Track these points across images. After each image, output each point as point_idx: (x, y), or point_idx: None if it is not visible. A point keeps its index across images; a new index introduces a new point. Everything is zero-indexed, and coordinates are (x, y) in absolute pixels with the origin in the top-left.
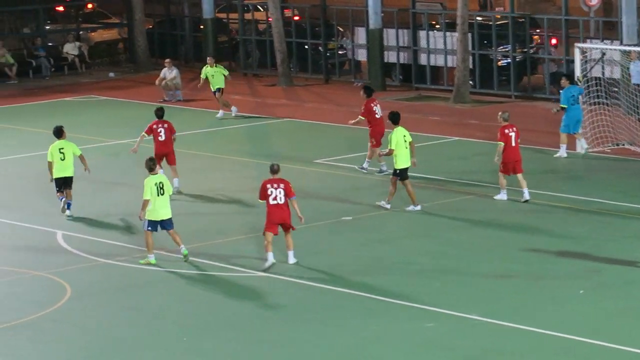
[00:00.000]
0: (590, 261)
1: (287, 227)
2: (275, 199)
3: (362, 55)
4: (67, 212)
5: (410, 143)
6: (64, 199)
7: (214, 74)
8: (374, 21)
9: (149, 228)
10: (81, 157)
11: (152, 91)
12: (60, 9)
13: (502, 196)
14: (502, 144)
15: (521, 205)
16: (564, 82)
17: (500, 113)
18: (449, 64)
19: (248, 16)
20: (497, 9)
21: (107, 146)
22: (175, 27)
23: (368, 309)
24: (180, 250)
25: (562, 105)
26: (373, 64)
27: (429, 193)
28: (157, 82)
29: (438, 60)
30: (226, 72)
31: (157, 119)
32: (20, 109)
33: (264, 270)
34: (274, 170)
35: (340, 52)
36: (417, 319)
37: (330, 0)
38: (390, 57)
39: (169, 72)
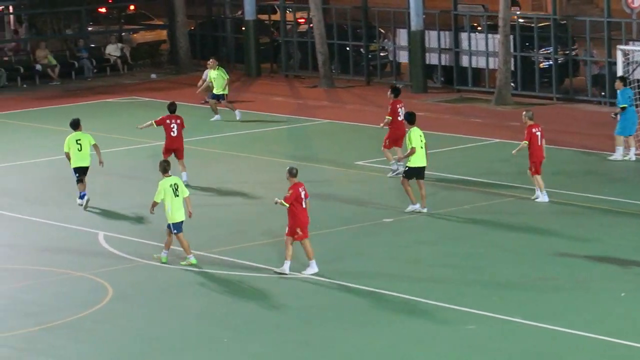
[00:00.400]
0: (631, 263)
1: None
2: (304, 202)
3: (403, 57)
4: (79, 202)
5: (425, 144)
6: (85, 195)
7: (215, 77)
8: (415, 23)
9: (175, 231)
10: (96, 147)
11: (194, 92)
12: (103, 10)
13: (544, 198)
14: (527, 142)
15: (561, 207)
16: (618, 84)
17: (524, 112)
18: (491, 66)
19: (289, 17)
20: (513, 9)
21: (149, 147)
22: (217, 29)
23: (408, 310)
24: (161, 253)
25: (623, 105)
26: (414, 66)
27: (470, 195)
28: (199, 83)
29: (480, 62)
30: (226, 76)
31: (169, 114)
32: (62, 110)
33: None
34: (295, 173)
35: (381, 54)
36: (458, 321)
37: (372, 1)
38: (432, 58)
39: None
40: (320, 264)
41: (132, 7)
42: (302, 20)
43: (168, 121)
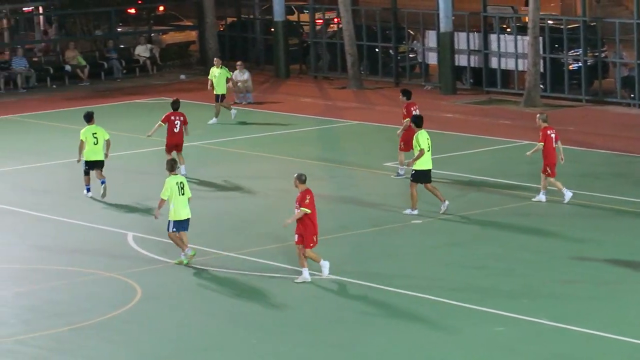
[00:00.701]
0: None
1: None
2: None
3: (432, 59)
4: (102, 190)
5: (430, 145)
6: (89, 189)
7: (218, 76)
8: (444, 24)
9: (174, 230)
10: (108, 142)
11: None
12: (132, 11)
13: (568, 194)
14: (543, 144)
15: (589, 209)
16: None
17: (538, 115)
18: (520, 68)
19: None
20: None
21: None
22: (246, 30)
23: (437, 311)
24: (188, 252)
25: None
26: (443, 67)
27: (499, 197)
28: (229, 84)
29: (509, 64)
30: (229, 74)
31: (173, 111)
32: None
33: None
34: (304, 180)
35: (410, 56)
36: (487, 322)
37: (401, 3)
38: (461, 60)
39: (240, 75)
40: (348, 265)
41: (161, 8)
42: (320, 21)
43: (172, 117)
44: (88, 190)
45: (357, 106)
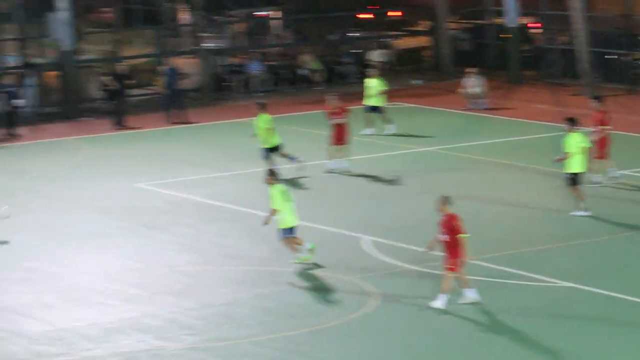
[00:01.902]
0: None
1: None
2: None
3: None
4: (299, 161)
5: (582, 148)
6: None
7: (372, 87)
8: None
9: (291, 235)
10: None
11: (457, 99)
12: (367, 16)
13: None
14: None
15: None
16: None
17: None
18: None
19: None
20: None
21: (413, 153)
22: (479, 36)
23: None
24: (307, 247)
25: None
26: None
27: None
28: (460, 91)
29: None
30: (383, 87)
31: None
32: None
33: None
34: (451, 202)
35: None
36: None
37: (637, 10)
38: None
39: (472, 81)
40: (583, 273)
41: (395, 14)
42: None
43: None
44: (293, 159)
45: (591, 113)
